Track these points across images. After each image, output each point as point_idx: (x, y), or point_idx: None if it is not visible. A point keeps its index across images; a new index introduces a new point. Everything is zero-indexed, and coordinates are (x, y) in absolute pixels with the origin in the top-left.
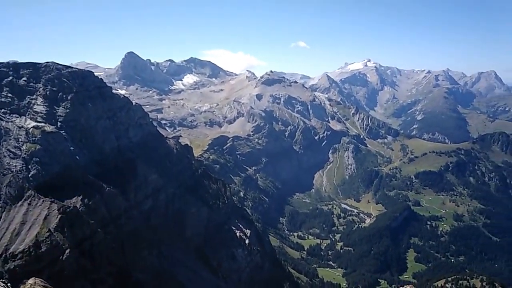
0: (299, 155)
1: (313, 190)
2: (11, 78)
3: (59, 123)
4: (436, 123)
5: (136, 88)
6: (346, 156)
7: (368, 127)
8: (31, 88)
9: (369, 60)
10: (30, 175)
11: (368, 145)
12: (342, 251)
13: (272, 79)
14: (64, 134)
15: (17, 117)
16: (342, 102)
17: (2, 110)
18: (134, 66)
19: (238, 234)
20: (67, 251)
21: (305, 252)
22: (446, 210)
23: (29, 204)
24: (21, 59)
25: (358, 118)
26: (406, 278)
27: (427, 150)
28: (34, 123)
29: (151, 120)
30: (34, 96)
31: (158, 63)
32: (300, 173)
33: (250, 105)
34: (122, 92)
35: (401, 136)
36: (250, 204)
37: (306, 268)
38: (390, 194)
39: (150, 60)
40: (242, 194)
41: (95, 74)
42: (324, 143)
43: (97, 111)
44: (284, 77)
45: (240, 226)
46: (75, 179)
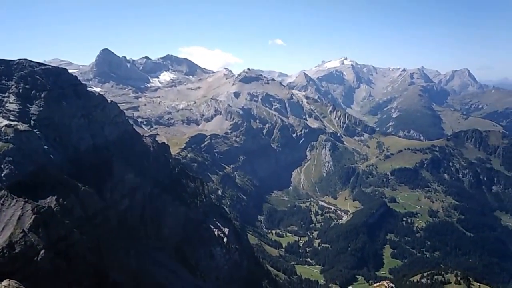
0: (277, 152)
1: (291, 187)
2: None
3: (32, 122)
4: (411, 120)
5: (112, 86)
6: (323, 154)
7: (345, 125)
8: (3, 85)
9: (345, 58)
10: (2, 175)
11: (345, 142)
12: (319, 248)
13: (250, 77)
14: (37, 132)
15: None
16: (319, 100)
17: None
18: (109, 63)
19: (216, 233)
20: (42, 251)
21: (283, 249)
22: (421, 206)
23: (2, 204)
24: None
25: (335, 116)
26: (382, 274)
27: (402, 147)
28: (6, 122)
29: (127, 118)
30: (7, 94)
31: (134, 60)
32: (278, 170)
33: (227, 103)
34: (97, 89)
35: (377, 134)
36: (228, 202)
37: (284, 266)
38: (367, 191)
39: (125, 57)
40: (220, 192)
41: (69, 71)
42: (301, 141)
43: (71, 109)
44: (261, 74)
45: (218, 224)
46: (49, 178)
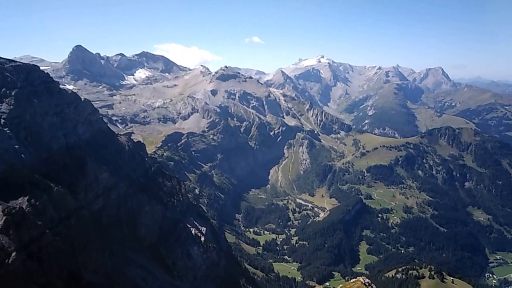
0: (255, 151)
1: (268, 185)
2: None
3: (2, 120)
4: (387, 118)
5: (85, 83)
6: (301, 152)
7: (322, 123)
8: None
9: (322, 56)
10: None
11: (322, 140)
12: (297, 245)
13: (227, 75)
14: (8, 131)
15: None
16: (296, 98)
17: None
18: (82, 60)
19: (193, 232)
20: (13, 254)
21: (261, 247)
22: (396, 203)
23: None
24: None
25: (312, 114)
26: (358, 269)
27: (378, 145)
28: None
29: (101, 116)
30: None
31: (108, 57)
32: (256, 169)
33: (204, 100)
34: (70, 87)
35: (353, 131)
36: (206, 201)
37: (262, 264)
38: (343, 188)
39: (99, 54)
40: (197, 191)
41: (41, 68)
42: (279, 139)
43: (43, 107)
44: (239, 72)
45: (196, 223)
46: (20, 178)
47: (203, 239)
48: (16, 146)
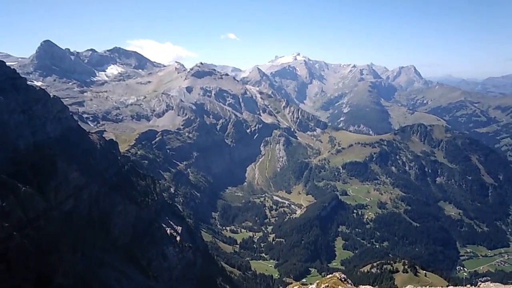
0: (231, 148)
1: (245, 183)
2: None
3: None
4: (361, 115)
5: (54, 80)
6: (277, 149)
7: (298, 120)
8: None
9: (298, 54)
10: None
11: (298, 137)
12: (274, 242)
13: (203, 71)
14: None
15: None
16: (273, 95)
17: None
18: (51, 56)
19: (168, 231)
20: None
21: (237, 245)
22: (370, 199)
23: None
24: None
25: (289, 111)
26: (335, 265)
27: (353, 142)
28: None
29: (71, 114)
30: None
31: (78, 53)
32: (232, 166)
33: (179, 97)
34: (38, 83)
35: (329, 129)
36: (181, 200)
37: (239, 262)
38: (319, 184)
39: (69, 49)
40: (172, 190)
41: (7, 64)
42: (256, 136)
43: (9, 105)
44: (214, 69)
45: (171, 223)
46: None
47: (178, 238)
48: None
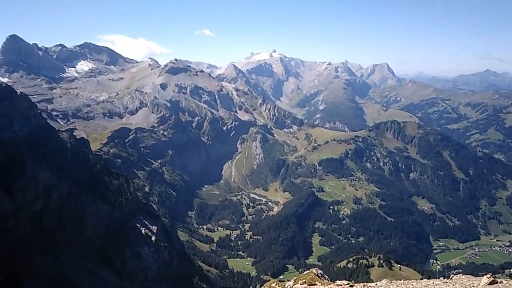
0: (207, 146)
1: (222, 181)
2: None
3: None
4: (337, 112)
5: (21, 76)
6: (254, 146)
7: (274, 117)
8: None
9: (274, 51)
10: None
11: (275, 134)
12: (251, 240)
13: (177, 68)
14: None
15: None
16: (249, 92)
17: None
18: (18, 51)
19: (143, 231)
20: None
21: (214, 244)
22: (346, 195)
23: None
24: None
25: (265, 108)
26: (312, 261)
27: (329, 139)
28: None
29: (39, 111)
30: None
31: (46, 48)
32: (209, 164)
33: (154, 94)
34: (4, 80)
35: (305, 126)
36: (156, 199)
37: (216, 260)
38: (296, 181)
39: (37, 44)
40: (147, 189)
41: None
42: (232, 134)
43: None
44: (189, 66)
45: (146, 222)
46: None
47: (154, 238)
48: None
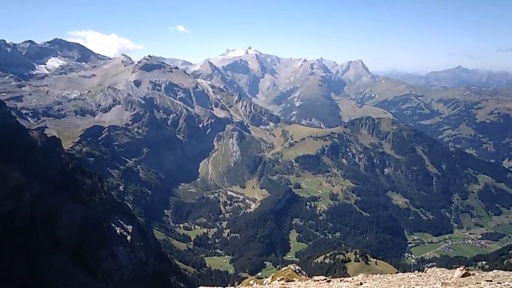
0: (183, 144)
1: (198, 179)
2: None
3: None
4: (313, 109)
5: None
6: (230, 144)
7: (251, 114)
8: None
9: (249, 48)
10: None
11: (251, 131)
12: (229, 238)
13: (151, 65)
14: None
15: None
16: (225, 89)
17: None
18: None
19: (118, 231)
20: None
21: (192, 242)
22: (323, 191)
23: None
24: None
25: (241, 105)
26: (289, 257)
27: (305, 135)
28: None
29: (8, 109)
30: None
31: (15, 45)
32: (185, 162)
33: (127, 92)
34: None
35: (281, 122)
36: (131, 198)
37: (194, 259)
38: (273, 178)
39: (4, 40)
40: (121, 188)
41: None
42: (208, 131)
43: None
44: (164, 62)
45: (121, 222)
46: None
47: (129, 238)
48: None
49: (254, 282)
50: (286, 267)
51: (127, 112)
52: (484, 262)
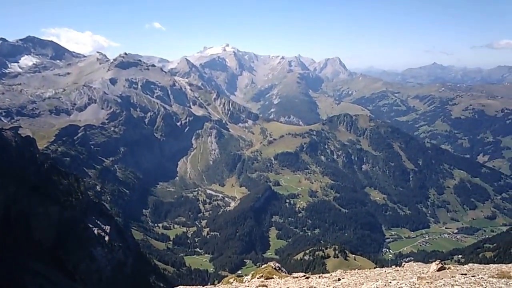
0: (161, 142)
1: (177, 178)
2: None
3: None
4: (291, 106)
5: None
6: (209, 142)
7: (229, 112)
8: None
9: (227, 45)
10: None
11: (230, 129)
12: (208, 236)
13: (127, 62)
14: None
15: None
16: (203, 87)
17: None
18: None
19: (96, 232)
20: None
21: (171, 242)
22: (302, 188)
23: None
24: None
25: (220, 103)
26: (269, 255)
27: (284, 133)
28: None
29: None
30: None
31: None
32: (163, 161)
33: (103, 90)
34: None
35: (260, 120)
36: (109, 198)
37: (173, 258)
38: (253, 176)
39: None
40: (98, 188)
41: None
42: (186, 129)
43: None
44: (140, 60)
45: (98, 222)
46: None
47: (107, 238)
48: None
49: (234, 280)
50: (266, 265)
51: (103, 111)
52: (460, 256)
